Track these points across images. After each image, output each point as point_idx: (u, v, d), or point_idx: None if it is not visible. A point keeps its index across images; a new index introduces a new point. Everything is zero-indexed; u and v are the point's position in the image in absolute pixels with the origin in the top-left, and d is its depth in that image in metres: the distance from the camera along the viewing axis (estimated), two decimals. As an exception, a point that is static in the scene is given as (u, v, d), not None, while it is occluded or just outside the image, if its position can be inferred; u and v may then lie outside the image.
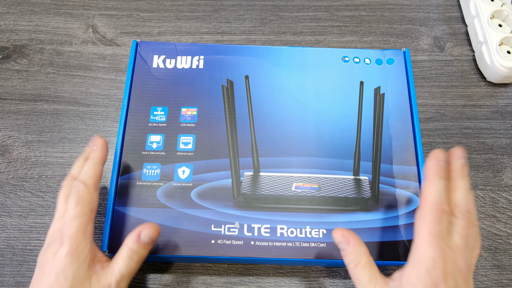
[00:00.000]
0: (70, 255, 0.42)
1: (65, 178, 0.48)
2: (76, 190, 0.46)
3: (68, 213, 0.45)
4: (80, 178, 0.47)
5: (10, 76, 0.67)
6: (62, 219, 0.45)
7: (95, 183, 0.48)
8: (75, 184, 0.46)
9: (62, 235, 0.43)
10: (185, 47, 0.62)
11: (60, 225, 0.44)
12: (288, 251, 0.51)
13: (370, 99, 0.59)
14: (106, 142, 0.51)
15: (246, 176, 0.54)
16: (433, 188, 0.44)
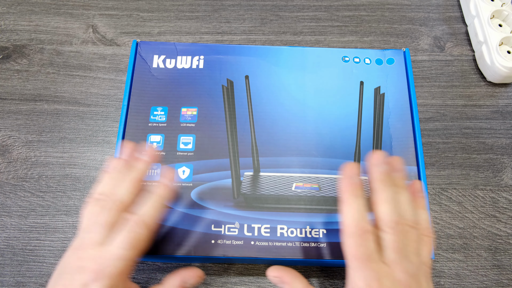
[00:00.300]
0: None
1: (101, 193, 0.43)
2: (134, 230, 0.41)
3: (116, 251, 0.40)
4: (144, 217, 0.42)
5: (10, 76, 0.67)
6: (103, 248, 0.40)
7: (153, 227, 0.43)
8: (136, 222, 0.41)
9: (100, 271, 0.39)
10: (185, 47, 0.62)
11: (99, 255, 0.40)
12: (288, 251, 0.51)
13: (370, 99, 0.59)
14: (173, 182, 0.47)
15: (246, 176, 0.54)
16: (349, 211, 0.41)
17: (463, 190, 0.60)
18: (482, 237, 0.57)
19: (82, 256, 0.40)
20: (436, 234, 0.57)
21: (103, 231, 0.41)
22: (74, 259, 0.40)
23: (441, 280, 0.55)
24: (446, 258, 0.56)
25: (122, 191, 0.43)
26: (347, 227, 0.41)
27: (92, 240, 0.40)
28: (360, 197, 0.42)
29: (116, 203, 0.42)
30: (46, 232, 0.57)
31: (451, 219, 0.58)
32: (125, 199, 0.43)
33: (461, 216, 0.59)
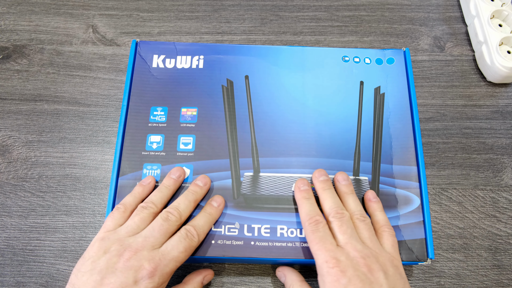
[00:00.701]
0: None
1: (171, 212, 0.48)
2: (189, 237, 0.47)
3: (172, 253, 0.45)
4: (197, 227, 0.48)
5: (10, 76, 0.67)
6: (152, 249, 0.45)
7: (203, 239, 0.50)
8: (191, 231, 0.47)
9: (155, 269, 0.43)
10: (185, 46, 0.62)
11: (150, 256, 0.44)
12: (288, 251, 0.51)
13: (370, 99, 0.59)
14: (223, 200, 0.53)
15: (246, 176, 0.54)
16: (302, 208, 0.50)
17: (463, 190, 0.60)
18: (482, 237, 0.57)
19: (136, 256, 0.43)
20: (436, 234, 0.57)
21: (162, 238, 0.46)
22: (123, 260, 0.43)
23: (441, 280, 0.55)
24: (446, 258, 0.56)
25: (184, 207, 0.49)
26: (303, 220, 0.49)
27: (149, 243, 0.45)
28: (310, 199, 0.51)
29: (178, 218, 0.48)
30: (46, 232, 0.57)
31: (451, 219, 0.58)
32: (184, 215, 0.49)
33: (461, 216, 0.59)
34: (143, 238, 0.45)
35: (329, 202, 0.50)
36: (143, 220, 0.47)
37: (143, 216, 0.48)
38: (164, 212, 0.48)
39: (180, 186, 0.53)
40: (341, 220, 0.47)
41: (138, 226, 0.47)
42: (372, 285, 0.42)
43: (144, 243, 0.45)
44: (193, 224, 0.48)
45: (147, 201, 0.49)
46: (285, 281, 0.51)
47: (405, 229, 0.52)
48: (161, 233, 0.46)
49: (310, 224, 0.47)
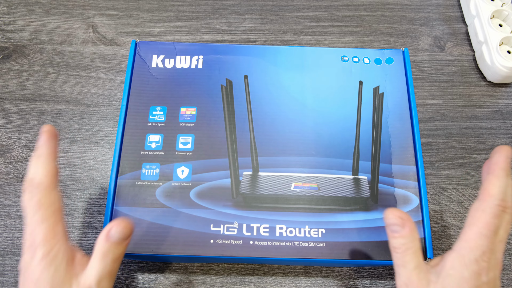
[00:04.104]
0: (44, 260, 0.40)
1: (24, 180, 0.44)
2: (33, 195, 0.42)
3: (33, 219, 0.42)
4: (34, 181, 0.43)
5: (10, 76, 0.67)
6: (29, 224, 0.42)
7: (50, 182, 0.44)
8: (30, 189, 0.43)
9: (33, 242, 0.41)
10: (184, 46, 0.62)
11: (29, 231, 0.42)
12: (287, 250, 0.51)
13: (369, 99, 0.59)
14: (54, 132, 0.46)
15: (245, 175, 0.54)
16: (499, 184, 0.43)
17: (463, 190, 0.60)
18: (482, 237, 0.57)
19: (24, 236, 0.42)
20: (436, 234, 0.57)
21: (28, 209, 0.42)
22: (23, 244, 0.42)
23: (440, 280, 0.55)
24: (446, 258, 0.56)
25: (31, 169, 0.44)
26: (492, 197, 0.42)
27: (27, 221, 0.42)
28: (509, 178, 0.43)
29: (27, 181, 0.43)
30: (46, 232, 0.57)
31: (451, 219, 0.58)
32: (31, 174, 0.44)
33: (461, 216, 0.59)
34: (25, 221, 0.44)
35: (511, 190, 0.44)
36: None
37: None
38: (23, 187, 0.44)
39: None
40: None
41: None
42: None
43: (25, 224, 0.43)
44: (27, 178, 0.43)
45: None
46: (400, 233, 0.43)
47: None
48: (26, 205, 0.43)
49: (498, 207, 0.42)
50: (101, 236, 0.43)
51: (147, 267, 0.55)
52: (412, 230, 0.43)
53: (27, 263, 0.41)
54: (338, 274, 0.55)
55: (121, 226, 0.43)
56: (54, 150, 0.45)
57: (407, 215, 0.44)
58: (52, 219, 0.42)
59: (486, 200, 0.42)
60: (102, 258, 0.42)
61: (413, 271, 0.42)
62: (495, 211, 0.41)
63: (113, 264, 0.43)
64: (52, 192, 0.43)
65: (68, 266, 0.42)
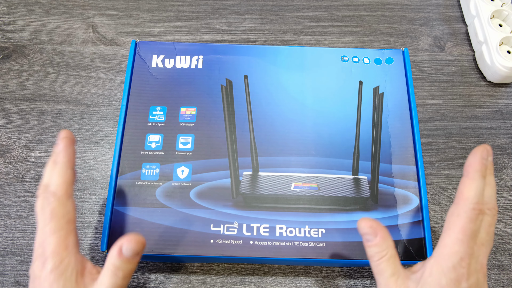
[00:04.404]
0: (55, 271, 0.40)
1: (38, 188, 0.44)
2: (47, 204, 0.42)
3: (46, 228, 0.41)
4: (50, 189, 0.43)
5: (10, 76, 0.67)
6: (41, 232, 0.42)
7: (66, 191, 0.43)
8: (45, 197, 0.42)
9: (44, 252, 0.41)
10: (184, 46, 0.62)
11: (41, 240, 0.41)
12: (287, 250, 0.51)
13: (369, 99, 0.59)
14: (72, 139, 0.45)
15: (245, 175, 0.54)
16: (473, 186, 0.42)
17: (463, 190, 0.60)
18: (482, 237, 0.57)
19: (35, 244, 0.42)
20: (436, 234, 0.57)
21: (41, 216, 0.42)
22: (33, 251, 0.42)
23: (440, 280, 0.55)
24: (446, 258, 0.56)
25: (46, 175, 0.44)
26: (467, 201, 0.42)
27: (39, 228, 0.42)
28: (484, 178, 0.43)
29: (41, 188, 0.43)
30: (46, 232, 0.57)
31: (451, 219, 0.58)
32: (47, 181, 0.44)
33: (460, 216, 0.58)
34: (37, 228, 0.44)
35: (492, 190, 0.44)
36: None
37: None
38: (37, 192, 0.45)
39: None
40: (494, 220, 0.43)
41: None
42: None
43: (37, 231, 0.43)
44: (43, 186, 0.43)
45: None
46: (373, 242, 0.43)
47: (404, 229, 0.52)
48: (39, 212, 0.43)
49: (473, 210, 0.41)
50: (113, 251, 0.42)
51: (147, 267, 0.55)
52: (384, 238, 0.43)
53: (37, 272, 0.41)
54: (338, 274, 0.55)
55: (133, 242, 0.42)
56: (71, 157, 0.45)
57: (378, 223, 0.43)
58: (64, 230, 0.42)
59: (460, 204, 0.42)
60: (113, 274, 0.42)
61: (390, 278, 0.42)
62: (470, 215, 0.41)
63: (124, 280, 0.42)
64: (67, 202, 0.43)
65: (78, 278, 0.41)
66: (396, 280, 0.41)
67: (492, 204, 0.42)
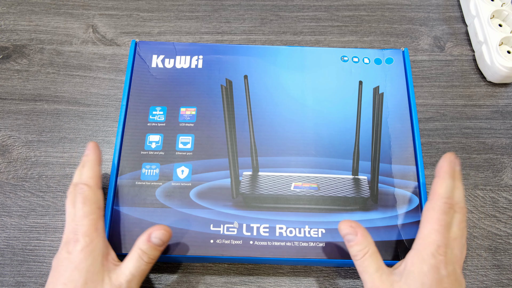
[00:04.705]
0: (85, 250, 0.44)
1: (69, 187, 0.49)
2: (80, 192, 0.47)
3: (78, 213, 0.46)
4: (82, 181, 0.49)
5: (10, 76, 0.67)
6: (73, 221, 0.46)
7: (96, 182, 0.49)
8: (79, 187, 0.48)
9: (75, 234, 0.45)
10: (184, 47, 0.62)
11: (72, 227, 0.46)
12: (287, 250, 0.51)
13: (369, 99, 0.59)
14: (97, 144, 0.52)
15: (245, 175, 0.54)
16: (444, 185, 0.47)
17: (463, 190, 0.60)
18: (482, 237, 0.57)
19: (64, 235, 0.47)
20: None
21: (71, 210, 0.48)
22: (61, 242, 0.47)
23: (440, 280, 0.55)
24: (446, 258, 0.56)
25: (76, 176, 0.50)
26: (440, 196, 0.47)
27: (68, 220, 0.47)
28: (453, 179, 0.48)
29: (72, 186, 0.49)
30: (46, 232, 0.57)
31: (450, 219, 0.58)
32: (77, 180, 0.50)
33: (460, 216, 0.58)
34: (66, 220, 0.49)
35: (461, 193, 0.49)
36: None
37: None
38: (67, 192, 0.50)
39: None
40: (464, 218, 0.48)
41: None
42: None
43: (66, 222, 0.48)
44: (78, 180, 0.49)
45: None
46: (354, 241, 0.46)
47: (404, 229, 0.52)
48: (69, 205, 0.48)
49: (445, 204, 0.46)
50: (142, 237, 0.47)
51: (147, 267, 0.55)
52: (363, 236, 0.46)
53: (66, 254, 0.44)
54: (338, 274, 0.55)
55: (162, 231, 0.47)
56: (99, 157, 0.51)
57: (357, 223, 0.47)
58: (96, 214, 0.47)
59: (434, 199, 0.47)
60: (139, 257, 0.46)
61: (374, 274, 0.44)
62: (443, 208, 0.45)
63: (147, 265, 0.46)
64: (97, 190, 0.49)
65: (104, 260, 0.46)
66: (381, 276, 0.44)
67: (461, 204, 0.47)
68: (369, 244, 0.45)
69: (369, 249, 0.45)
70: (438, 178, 0.48)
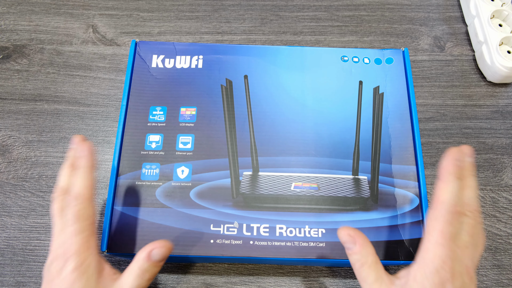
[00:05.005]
0: (77, 270, 0.42)
1: (54, 190, 0.45)
2: (72, 207, 0.44)
3: (68, 229, 0.43)
4: (74, 192, 0.44)
5: (10, 76, 0.67)
6: (62, 233, 0.43)
7: (90, 195, 0.45)
8: (69, 200, 0.44)
9: (65, 252, 0.42)
10: (184, 46, 0.62)
11: (61, 241, 0.43)
12: (287, 250, 0.51)
13: (369, 99, 0.59)
14: (91, 145, 0.47)
15: (245, 175, 0.54)
16: (448, 189, 0.43)
17: (463, 190, 0.60)
18: (482, 237, 0.57)
19: (53, 245, 0.44)
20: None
21: (58, 219, 0.44)
22: (50, 252, 0.43)
23: (440, 280, 0.55)
24: (446, 258, 0.56)
25: (63, 178, 0.46)
26: (443, 203, 0.42)
27: (56, 230, 0.44)
28: (459, 180, 0.43)
29: (58, 190, 0.45)
30: (46, 232, 0.57)
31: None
32: (63, 184, 0.46)
33: (461, 216, 0.58)
34: (53, 230, 0.45)
35: (472, 192, 0.45)
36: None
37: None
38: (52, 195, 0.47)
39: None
40: (477, 221, 0.44)
41: None
42: None
43: (54, 233, 0.45)
44: (69, 191, 0.45)
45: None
46: (353, 250, 0.44)
47: (404, 229, 0.52)
48: (56, 215, 0.44)
49: (449, 213, 0.42)
50: (141, 254, 0.44)
51: (147, 267, 0.55)
52: (362, 246, 0.44)
53: (56, 272, 0.42)
54: (339, 274, 0.55)
55: (163, 248, 0.45)
56: (94, 163, 0.47)
57: (356, 231, 0.44)
58: (87, 231, 0.44)
59: (437, 208, 0.43)
60: (138, 276, 0.44)
61: (373, 284, 0.42)
62: (447, 218, 0.41)
63: (147, 282, 0.45)
64: (90, 205, 0.45)
65: (98, 278, 0.43)
66: (380, 285, 0.42)
67: (472, 206, 0.43)
68: (368, 254, 0.43)
69: (367, 259, 0.43)
70: (440, 181, 0.44)
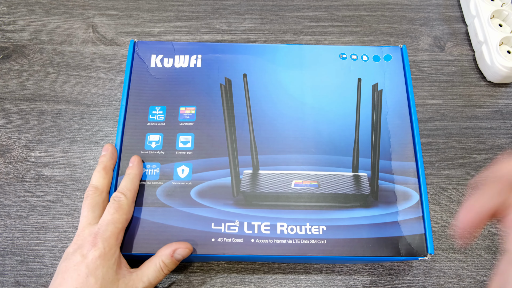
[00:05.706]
0: (103, 257, 0.45)
1: (88, 189, 0.51)
2: (116, 200, 0.49)
3: (105, 218, 0.48)
4: (120, 189, 0.51)
5: (10, 76, 0.67)
6: (90, 226, 0.48)
7: (133, 196, 0.51)
8: (116, 195, 0.50)
9: (95, 238, 0.46)
10: (183, 46, 0.62)
11: (90, 231, 0.47)
12: (288, 248, 0.50)
13: (368, 96, 0.59)
14: (140, 158, 0.54)
15: (246, 174, 0.54)
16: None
17: (463, 190, 0.60)
18: (482, 237, 0.57)
19: (78, 237, 0.48)
20: (436, 234, 0.57)
21: (88, 213, 0.50)
22: (72, 244, 0.47)
23: (441, 280, 0.55)
24: (446, 258, 0.56)
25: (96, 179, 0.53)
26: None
27: (83, 224, 0.49)
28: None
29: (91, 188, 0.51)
30: (46, 232, 0.57)
31: (451, 219, 0.58)
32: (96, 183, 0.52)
33: (461, 215, 0.58)
34: (81, 222, 0.49)
35: None
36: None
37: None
38: (85, 193, 0.51)
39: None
40: None
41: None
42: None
43: (82, 225, 0.49)
44: (118, 189, 0.51)
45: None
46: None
47: (405, 225, 0.52)
48: (88, 209, 0.49)
49: None
50: (166, 250, 0.48)
51: (147, 267, 0.55)
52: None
53: (79, 257, 0.45)
54: (338, 274, 0.55)
55: (186, 249, 0.49)
56: (141, 172, 0.54)
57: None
58: (121, 224, 0.49)
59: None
60: (159, 269, 0.48)
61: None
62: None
63: (162, 277, 0.49)
64: (132, 204, 0.51)
65: (118, 269, 0.47)
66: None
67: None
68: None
69: None
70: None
